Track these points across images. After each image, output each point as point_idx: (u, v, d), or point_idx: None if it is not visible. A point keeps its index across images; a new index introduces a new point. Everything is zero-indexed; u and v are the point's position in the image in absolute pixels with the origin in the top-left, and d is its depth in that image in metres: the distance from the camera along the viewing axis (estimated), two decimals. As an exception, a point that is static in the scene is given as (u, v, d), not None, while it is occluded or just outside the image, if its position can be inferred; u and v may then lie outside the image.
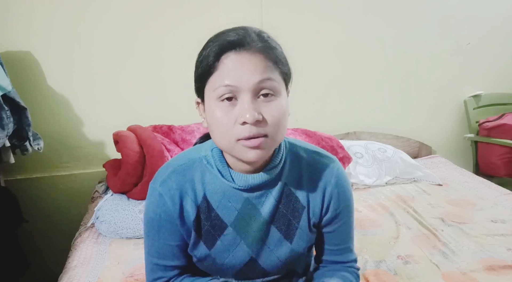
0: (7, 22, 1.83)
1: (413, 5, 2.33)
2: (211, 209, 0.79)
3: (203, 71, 0.70)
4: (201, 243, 0.81)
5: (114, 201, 1.67)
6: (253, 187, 0.78)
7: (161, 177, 0.80)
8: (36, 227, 1.98)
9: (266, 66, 0.68)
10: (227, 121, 0.68)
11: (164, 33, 2.03)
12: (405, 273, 1.30)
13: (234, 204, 0.79)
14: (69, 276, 1.34)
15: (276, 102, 0.70)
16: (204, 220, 0.80)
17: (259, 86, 0.68)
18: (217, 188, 0.79)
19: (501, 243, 1.46)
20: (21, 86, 1.79)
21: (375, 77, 2.39)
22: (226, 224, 0.79)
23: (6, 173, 1.94)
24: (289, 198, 0.81)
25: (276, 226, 0.81)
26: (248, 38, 0.68)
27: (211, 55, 0.68)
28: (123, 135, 1.74)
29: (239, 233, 0.80)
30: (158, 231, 0.80)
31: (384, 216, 1.73)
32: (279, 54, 0.72)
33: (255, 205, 0.80)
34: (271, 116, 0.69)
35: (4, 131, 1.54)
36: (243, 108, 0.67)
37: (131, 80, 2.05)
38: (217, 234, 0.80)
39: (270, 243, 0.81)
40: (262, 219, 0.80)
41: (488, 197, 1.88)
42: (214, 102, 0.69)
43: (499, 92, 2.56)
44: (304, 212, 0.82)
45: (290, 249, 0.82)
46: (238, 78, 0.67)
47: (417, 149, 2.49)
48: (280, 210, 0.81)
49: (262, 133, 0.68)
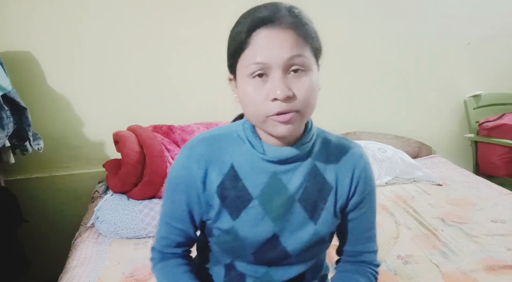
0: (7, 22, 1.83)
1: (413, 5, 2.33)
2: (238, 178, 0.79)
3: (235, 48, 0.71)
4: (226, 213, 0.79)
5: (114, 201, 1.67)
6: (283, 159, 0.77)
7: (192, 143, 0.81)
8: (36, 227, 1.98)
9: (297, 42, 0.69)
10: (258, 98, 0.69)
11: (164, 33, 2.03)
12: (405, 273, 1.30)
13: (261, 176, 0.78)
14: (69, 276, 1.34)
15: (306, 78, 0.70)
16: (231, 189, 0.79)
17: (289, 63, 0.68)
18: (246, 159, 0.79)
19: (501, 243, 1.46)
20: (21, 86, 1.79)
21: (375, 77, 2.39)
22: (252, 196, 0.79)
23: (6, 173, 1.94)
24: (317, 178, 0.81)
25: (302, 205, 0.80)
26: (279, 14, 0.69)
27: (242, 32, 0.69)
28: (123, 135, 1.74)
29: (264, 207, 0.79)
30: (174, 191, 0.81)
31: (384, 216, 1.72)
32: (309, 29, 0.72)
33: (281, 180, 0.79)
34: (301, 92, 0.69)
35: (4, 131, 1.54)
36: (273, 85, 0.68)
37: (131, 80, 2.05)
38: (242, 205, 0.79)
39: (294, 221, 0.80)
40: (288, 195, 0.79)
41: (488, 197, 1.88)
42: (245, 79, 0.71)
43: (499, 92, 2.56)
44: (332, 193, 0.82)
45: (314, 231, 0.80)
46: (269, 56, 0.68)
47: (417, 149, 2.49)
48: (307, 188, 0.80)
49: (293, 109, 0.69)
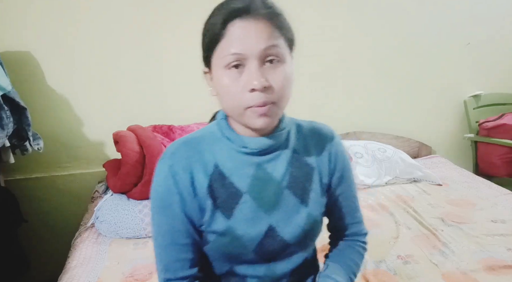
0: (7, 22, 1.83)
1: (413, 5, 2.33)
2: (224, 176, 0.78)
3: (210, 40, 0.71)
4: (219, 213, 0.78)
5: (114, 201, 1.67)
6: (265, 148, 0.78)
7: (170, 150, 0.79)
8: (36, 227, 1.98)
9: (272, 32, 0.69)
10: (235, 89, 0.70)
11: (164, 33, 2.03)
12: (405, 273, 1.30)
13: (246, 170, 0.79)
14: (69, 276, 1.34)
15: (282, 68, 0.71)
16: (219, 188, 0.78)
17: (265, 53, 0.69)
18: (228, 155, 0.79)
19: (501, 243, 1.46)
20: (21, 86, 1.79)
21: (375, 77, 2.39)
22: (241, 192, 0.78)
23: (6, 173, 1.94)
24: (299, 161, 0.83)
25: (292, 191, 0.81)
26: (253, 5, 0.69)
27: (217, 23, 0.69)
28: (123, 135, 1.74)
29: (256, 200, 0.79)
30: (170, 205, 0.76)
31: (384, 216, 1.72)
32: (283, 20, 0.72)
33: (267, 169, 0.79)
34: (277, 83, 0.70)
35: (4, 131, 1.54)
36: (250, 75, 0.69)
37: (131, 80, 2.05)
38: (234, 202, 0.78)
39: (287, 208, 0.81)
40: (276, 183, 0.80)
41: (488, 197, 1.87)
42: (221, 70, 0.70)
43: (499, 92, 2.56)
44: (315, 173, 0.84)
45: (307, 214, 0.82)
46: (245, 46, 0.68)
47: (417, 149, 2.49)
48: (293, 173, 0.81)
49: (271, 100, 0.70)
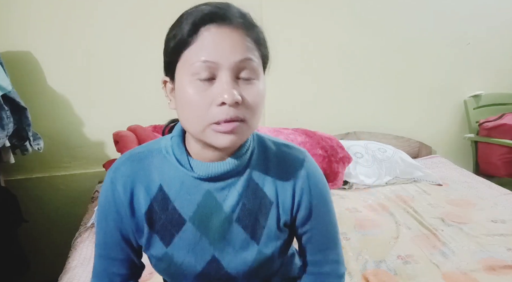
0: (7, 22, 1.83)
1: (413, 5, 2.33)
2: (168, 200, 0.71)
3: (176, 44, 0.64)
4: (157, 239, 0.73)
5: (114, 201, 1.66)
6: (215, 176, 0.70)
7: (116, 163, 0.74)
8: (36, 227, 1.98)
9: (248, 44, 0.63)
10: (201, 102, 0.62)
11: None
12: (405, 273, 1.30)
13: (193, 196, 0.71)
14: (69, 276, 1.34)
15: (256, 85, 0.64)
16: (160, 213, 0.71)
17: (240, 66, 0.62)
18: (175, 178, 0.71)
19: (501, 243, 1.46)
20: (21, 86, 1.79)
21: (375, 77, 2.39)
22: (185, 219, 0.71)
23: (6, 173, 1.94)
24: (255, 193, 0.73)
25: (241, 224, 0.72)
26: (230, 12, 0.63)
27: (187, 27, 0.62)
28: (123, 135, 1.74)
29: (200, 229, 0.71)
30: (106, 218, 0.74)
31: (384, 216, 1.72)
32: (260, 34, 0.67)
33: (216, 198, 0.71)
34: (250, 99, 0.63)
35: (4, 131, 1.54)
36: (222, 88, 0.61)
37: (131, 80, 2.05)
38: (174, 229, 0.72)
39: (234, 243, 0.72)
40: (225, 215, 0.71)
41: (488, 197, 1.87)
42: (187, 79, 0.62)
43: (499, 92, 2.56)
44: (273, 208, 0.74)
45: (258, 251, 0.73)
46: (218, 54, 0.61)
47: (417, 149, 2.49)
48: (245, 206, 0.72)
49: (240, 117, 0.62)
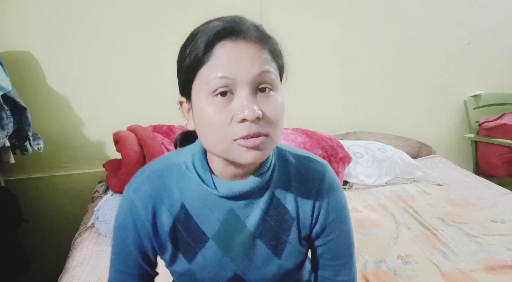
0: (7, 22, 1.83)
1: (413, 5, 2.33)
2: (190, 218, 0.71)
3: (192, 62, 0.62)
4: (181, 257, 0.73)
5: (114, 201, 1.66)
6: (238, 195, 0.69)
7: (135, 183, 0.72)
8: (36, 227, 1.98)
9: (265, 57, 0.62)
10: (222, 120, 0.60)
11: (164, 33, 2.03)
12: (405, 273, 1.30)
13: (216, 214, 0.70)
14: (69, 276, 1.34)
15: (275, 98, 0.63)
16: (183, 230, 0.71)
17: (258, 80, 0.60)
18: (198, 195, 0.70)
19: (501, 243, 1.46)
20: (21, 86, 1.79)
21: (375, 77, 2.39)
22: (207, 237, 0.71)
23: (6, 173, 1.94)
24: (277, 209, 0.72)
25: (264, 241, 0.72)
26: (244, 26, 0.62)
27: (202, 44, 0.60)
28: (123, 135, 1.74)
29: (222, 247, 0.71)
30: (125, 240, 0.73)
31: (384, 216, 1.72)
32: (275, 45, 0.66)
33: (239, 216, 0.70)
34: (271, 113, 0.61)
35: (4, 131, 1.54)
36: (241, 104, 0.59)
37: (131, 80, 2.04)
38: (197, 246, 0.71)
39: (256, 259, 0.73)
40: (248, 232, 0.71)
41: (488, 197, 1.87)
42: (205, 98, 0.61)
43: (499, 92, 2.56)
44: (294, 224, 0.73)
45: (279, 265, 0.74)
46: (235, 70, 0.59)
47: (417, 149, 2.49)
48: (268, 222, 0.72)
49: (262, 132, 0.60)
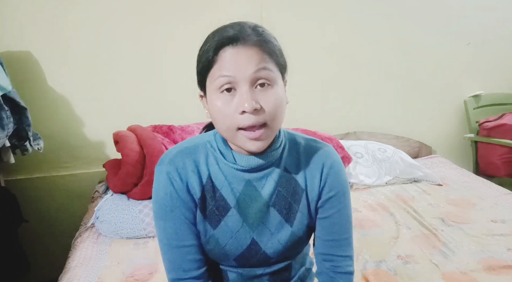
0: (7, 22, 1.83)
1: (413, 5, 2.33)
2: (216, 189, 0.82)
3: (203, 65, 0.75)
4: (206, 223, 0.83)
5: (114, 201, 1.67)
6: (254, 167, 0.81)
7: (168, 157, 0.82)
8: (36, 227, 1.98)
9: (262, 58, 0.72)
10: (228, 111, 0.73)
11: (164, 33, 2.03)
12: (405, 273, 1.30)
13: (236, 185, 0.82)
14: (69, 276, 1.34)
15: (273, 91, 0.74)
16: (209, 200, 0.82)
17: (256, 76, 0.72)
18: (220, 169, 0.82)
19: (501, 243, 1.46)
20: (21, 86, 1.79)
21: (375, 77, 2.39)
22: (230, 205, 0.82)
23: (6, 173, 1.94)
24: (289, 181, 0.84)
25: (277, 209, 0.84)
26: (244, 34, 0.72)
27: (210, 50, 0.73)
28: (123, 135, 1.74)
29: (242, 215, 0.83)
30: (172, 211, 0.81)
31: (384, 216, 1.73)
32: (273, 46, 0.75)
33: (255, 187, 0.83)
34: (268, 105, 0.73)
35: (4, 131, 1.54)
36: (241, 98, 0.72)
37: (131, 80, 2.05)
38: (221, 214, 0.83)
39: (270, 225, 0.84)
40: (263, 201, 0.83)
41: (488, 197, 1.88)
42: (215, 94, 0.74)
43: (499, 92, 2.56)
44: (303, 194, 0.85)
45: (291, 232, 0.84)
46: (236, 69, 0.71)
47: (417, 149, 2.49)
48: (280, 193, 0.84)
49: (261, 122, 0.72)
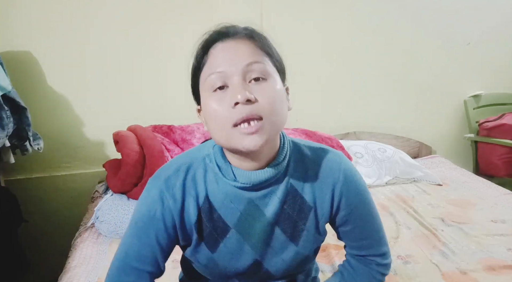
0: (7, 22, 1.83)
1: (413, 5, 2.33)
2: (214, 210, 0.76)
3: (194, 69, 0.72)
4: (204, 247, 0.78)
5: (114, 201, 1.67)
6: (256, 184, 0.74)
7: (165, 174, 0.76)
8: (36, 227, 1.98)
9: (253, 50, 0.68)
10: (221, 108, 0.67)
11: (163, 33, 2.03)
12: (405, 273, 1.30)
13: (236, 205, 0.75)
14: (69, 276, 1.34)
15: (268, 84, 0.68)
16: (206, 222, 0.76)
17: (248, 69, 0.67)
18: (219, 188, 0.75)
19: (501, 243, 1.46)
20: (21, 86, 1.78)
21: (375, 77, 2.39)
22: (229, 227, 0.76)
23: (6, 173, 1.94)
24: (294, 199, 0.77)
25: (281, 228, 0.78)
26: (233, 29, 0.70)
27: (199, 52, 0.70)
28: (123, 135, 1.74)
29: (243, 235, 0.77)
30: (147, 229, 0.75)
31: (384, 216, 1.72)
32: (266, 42, 0.72)
33: (258, 206, 0.76)
34: (263, 96, 0.66)
35: (4, 131, 1.54)
36: (233, 90, 0.66)
37: (131, 80, 2.05)
38: (220, 237, 0.77)
39: (275, 245, 0.78)
40: (266, 221, 0.76)
41: (488, 197, 1.87)
42: (207, 95, 0.69)
43: (499, 92, 2.56)
44: (311, 213, 0.78)
45: (296, 252, 0.79)
46: (226, 64, 0.67)
47: (417, 149, 2.49)
48: (285, 211, 0.77)
49: (255, 114, 0.65)
